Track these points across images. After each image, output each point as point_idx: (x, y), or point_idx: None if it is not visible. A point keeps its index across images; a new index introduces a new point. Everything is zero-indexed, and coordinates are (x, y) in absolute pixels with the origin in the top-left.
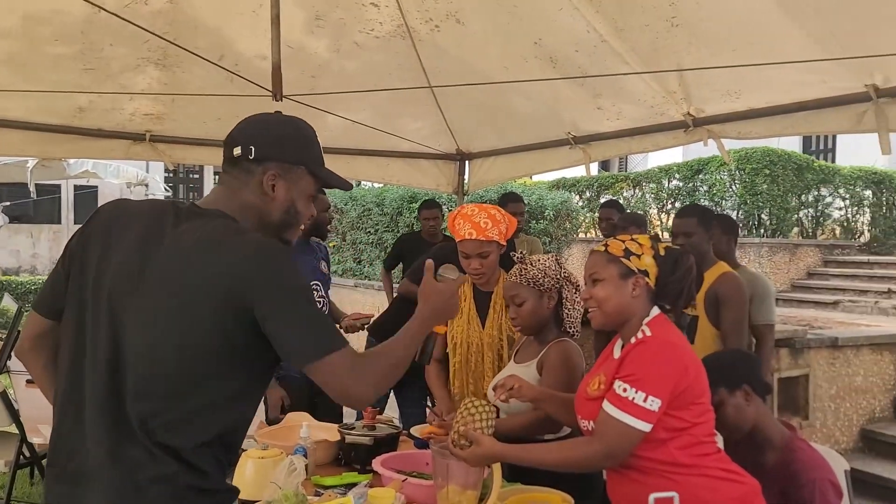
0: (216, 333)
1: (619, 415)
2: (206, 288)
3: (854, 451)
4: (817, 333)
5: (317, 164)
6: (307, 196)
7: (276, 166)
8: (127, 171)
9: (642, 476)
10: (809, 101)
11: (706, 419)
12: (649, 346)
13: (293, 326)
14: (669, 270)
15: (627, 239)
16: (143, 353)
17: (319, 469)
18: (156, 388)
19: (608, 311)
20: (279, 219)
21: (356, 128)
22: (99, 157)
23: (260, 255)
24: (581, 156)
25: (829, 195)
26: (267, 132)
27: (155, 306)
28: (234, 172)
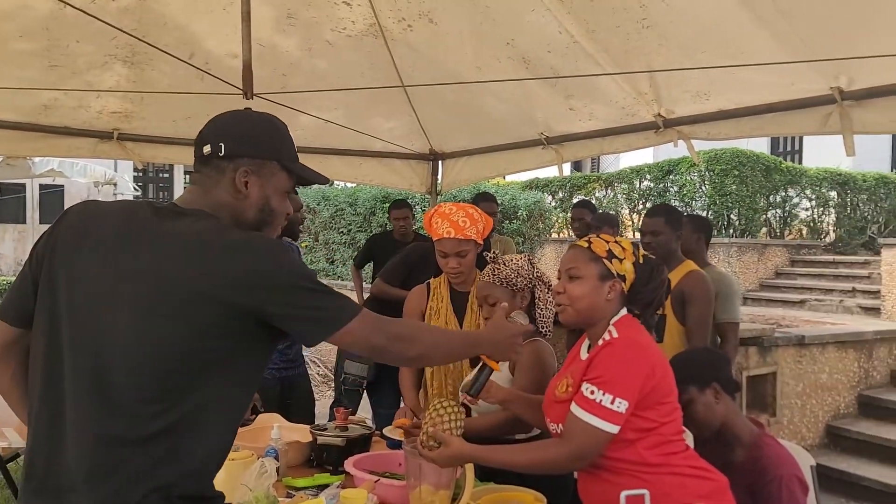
0: (213, 334)
1: (587, 417)
2: (205, 289)
3: (820, 448)
4: (785, 332)
5: (290, 159)
6: (282, 193)
7: (247, 163)
8: (94, 171)
9: (612, 476)
10: (777, 102)
11: (674, 418)
12: (616, 348)
13: (305, 312)
14: (645, 279)
15: (611, 241)
16: (134, 357)
17: (291, 470)
18: (147, 395)
19: (580, 308)
20: (254, 217)
21: (329, 127)
22: (65, 156)
23: (259, 252)
24: (554, 156)
25: (796, 196)
26: (237, 128)
27: (145, 309)
28: (205, 171)
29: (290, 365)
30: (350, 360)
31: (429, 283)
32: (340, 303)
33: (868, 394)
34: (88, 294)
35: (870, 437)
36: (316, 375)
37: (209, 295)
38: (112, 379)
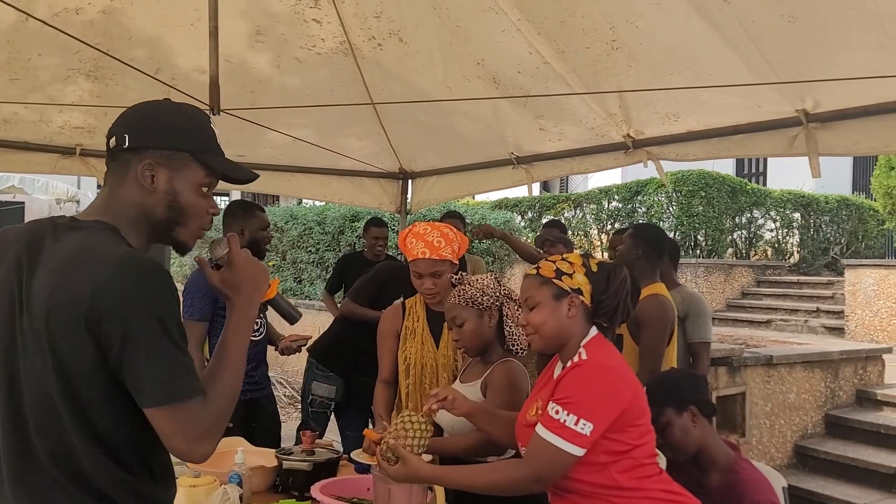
0: (90, 357)
1: (550, 437)
2: (70, 310)
3: (788, 468)
4: (753, 352)
5: (205, 150)
6: (195, 187)
7: (153, 154)
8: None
9: (585, 500)
10: (744, 124)
11: (647, 440)
12: (584, 370)
13: (146, 363)
14: (603, 287)
15: (558, 259)
16: (33, 385)
17: (255, 497)
18: (53, 421)
19: (546, 334)
20: (163, 215)
21: (297, 145)
22: (24, 171)
23: (124, 275)
24: (524, 176)
25: (761, 217)
26: (144, 118)
27: (35, 334)
28: (112, 167)
29: (256, 387)
30: (317, 382)
31: (404, 302)
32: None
33: (835, 413)
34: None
35: (837, 456)
36: (282, 397)
37: (75, 317)
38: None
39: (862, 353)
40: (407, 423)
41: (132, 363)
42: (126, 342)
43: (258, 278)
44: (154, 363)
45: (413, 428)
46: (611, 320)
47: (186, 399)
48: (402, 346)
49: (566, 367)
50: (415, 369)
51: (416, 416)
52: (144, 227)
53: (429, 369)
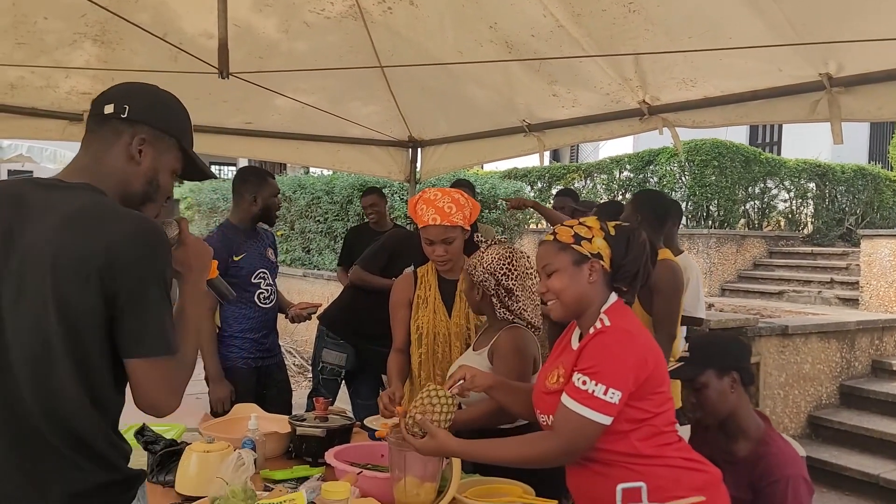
0: (97, 308)
1: (579, 408)
2: (82, 264)
3: (801, 438)
4: (768, 322)
5: (186, 140)
6: (170, 171)
7: (147, 130)
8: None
9: (605, 468)
10: (764, 89)
11: (667, 408)
12: (608, 337)
13: (146, 315)
14: (622, 251)
15: (575, 224)
16: (26, 338)
17: (269, 462)
18: (49, 375)
19: (567, 301)
20: (141, 189)
21: (305, 112)
22: (33, 138)
23: (140, 236)
24: (535, 144)
25: (775, 187)
26: (146, 95)
27: (33, 286)
28: (100, 132)
29: (267, 354)
30: (328, 350)
31: (416, 271)
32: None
33: (850, 384)
34: None
35: (851, 426)
36: (292, 366)
37: (85, 273)
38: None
39: (879, 323)
40: (434, 398)
41: (132, 315)
42: (133, 297)
43: (205, 256)
44: (151, 318)
45: (440, 402)
46: (631, 284)
47: (174, 353)
48: (414, 315)
49: (588, 334)
50: (427, 338)
51: (441, 390)
52: (118, 197)
53: (441, 338)
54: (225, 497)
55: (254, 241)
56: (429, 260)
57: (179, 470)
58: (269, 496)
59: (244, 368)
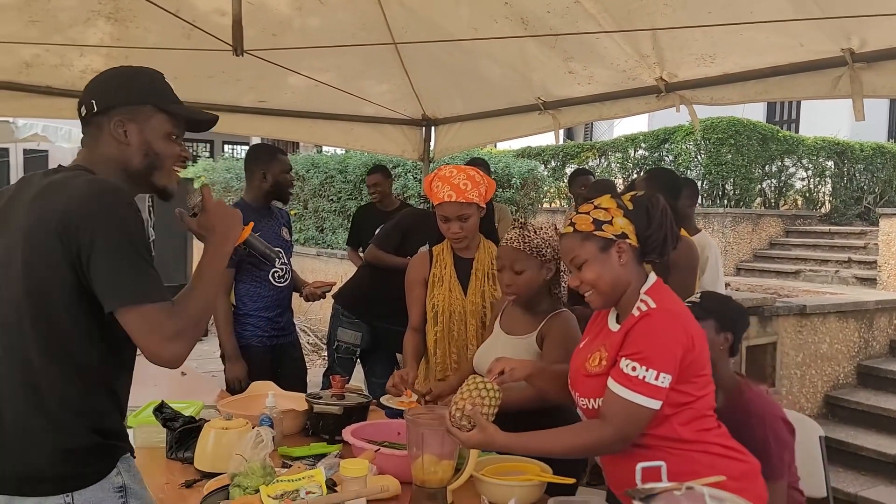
0: (59, 278)
1: (630, 395)
2: (41, 228)
3: (818, 418)
4: (785, 301)
5: (165, 101)
6: (165, 135)
7: (120, 111)
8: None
9: (643, 451)
10: (784, 65)
11: (708, 392)
12: (655, 320)
13: (110, 268)
14: (645, 222)
15: (591, 208)
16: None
17: (286, 439)
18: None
19: (604, 289)
20: (141, 164)
21: (319, 90)
22: (47, 117)
23: (92, 194)
24: (550, 122)
25: (793, 165)
26: (105, 82)
27: (10, 250)
28: (89, 132)
29: (281, 333)
30: (343, 328)
31: (431, 250)
32: (154, 279)
33: (867, 364)
34: None
35: (868, 406)
36: (306, 344)
37: (46, 234)
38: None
39: None
40: (483, 391)
41: (99, 268)
42: (93, 251)
43: (229, 220)
44: (121, 268)
45: (488, 395)
46: (661, 253)
47: (155, 301)
48: (429, 294)
49: (632, 316)
50: (443, 316)
51: (489, 382)
52: (124, 179)
53: (457, 316)
54: (244, 473)
55: (268, 219)
56: (444, 238)
57: (198, 447)
58: (287, 473)
59: (259, 347)
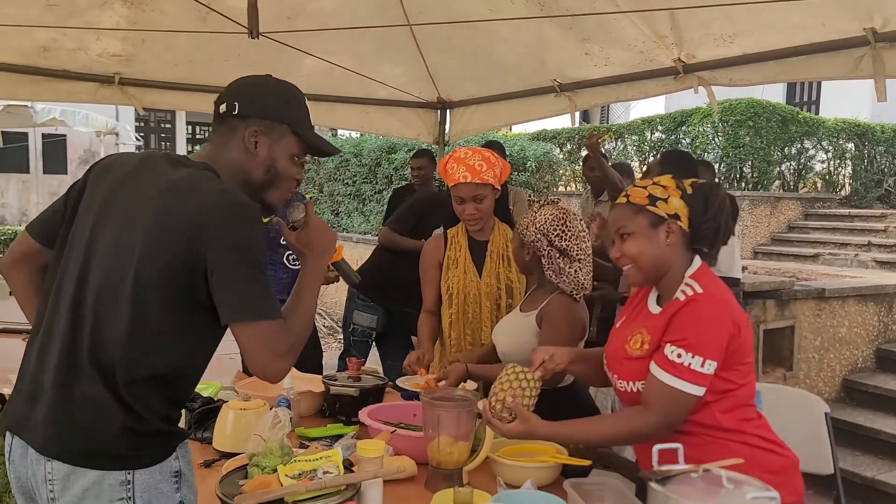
0: (171, 273)
1: (675, 382)
2: (168, 229)
3: (836, 402)
4: (804, 285)
5: (301, 125)
6: (290, 156)
7: (258, 123)
8: (96, 120)
9: (680, 437)
10: (805, 45)
11: (750, 380)
12: (701, 305)
13: (232, 283)
14: (701, 209)
15: (649, 184)
16: (102, 282)
17: (303, 421)
18: (107, 319)
19: (644, 266)
20: (260, 178)
21: (334, 74)
22: (65, 100)
23: (225, 207)
24: (566, 104)
25: (813, 147)
26: (253, 90)
27: (119, 241)
28: (220, 129)
29: None
30: (359, 311)
31: (446, 232)
32: (268, 297)
33: (886, 347)
34: (92, 226)
35: (886, 390)
36: (322, 327)
37: (172, 237)
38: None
39: None
40: (523, 381)
41: (222, 282)
42: (219, 264)
43: (328, 241)
44: (242, 285)
45: (529, 386)
46: (711, 244)
47: (272, 318)
48: (444, 276)
49: (676, 300)
50: (458, 298)
51: (528, 372)
52: (241, 185)
53: (472, 298)
54: (262, 454)
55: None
56: (458, 221)
57: (217, 427)
58: (304, 453)
59: None
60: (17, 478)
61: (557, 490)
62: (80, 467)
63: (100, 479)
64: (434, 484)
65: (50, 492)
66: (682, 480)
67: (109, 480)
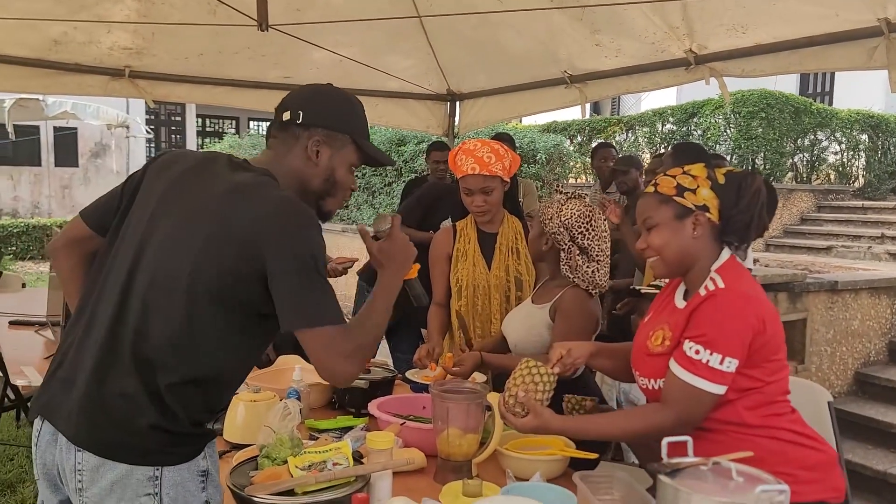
0: (229, 276)
1: (692, 379)
2: (230, 232)
3: (848, 395)
4: (816, 277)
5: (361, 135)
6: (348, 166)
7: (321, 132)
8: (107, 113)
9: (705, 434)
10: (819, 35)
11: (781, 377)
12: (722, 301)
13: (293, 289)
14: (732, 200)
15: (679, 173)
16: (154, 276)
17: (313, 413)
18: (156, 313)
19: (669, 258)
20: (319, 186)
21: (343, 65)
22: (76, 94)
23: (281, 213)
24: (577, 95)
25: (826, 139)
26: (317, 99)
27: (177, 235)
28: (282, 137)
29: None
30: None
31: (455, 225)
32: (330, 301)
33: None
34: (150, 217)
35: None
36: None
37: (231, 240)
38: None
39: None
40: (536, 376)
41: (283, 289)
42: (280, 272)
43: (407, 257)
44: (304, 291)
45: (542, 380)
46: (743, 237)
47: (333, 322)
48: (453, 268)
49: (697, 294)
50: (467, 291)
51: (543, 367)
52: (298, 193)
53: (481, 290)
54: (273, 445)
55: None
56: (467, 213)
57: (227, 418)
58: (314, 445)
59: None
60: (42, 464)
61: (566, 483)
62: (110, 460)
63: (128, 474)
64: (443, 476)
65: (78, 482)
66: (692, 473)
67: (137, 475)
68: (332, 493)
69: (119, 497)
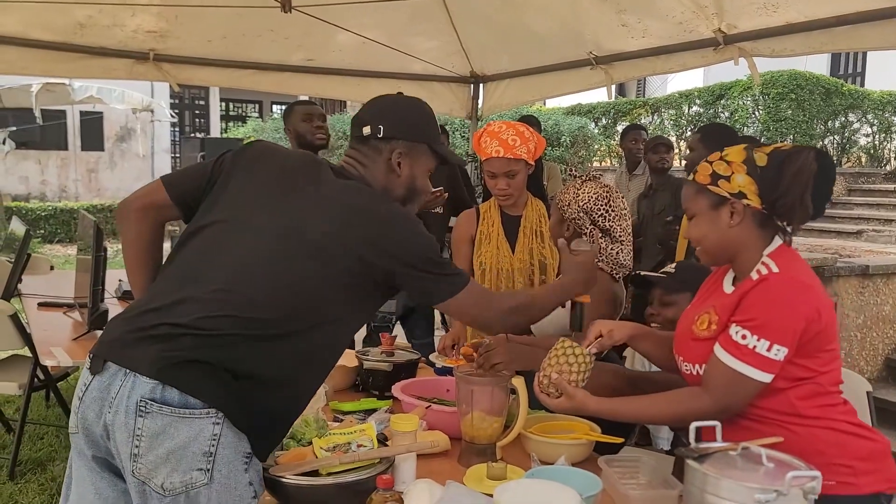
0: (340, 274)
1: (736, 364)
2: (352, 230)
3: (878, 381)
4: (847, 262)
5: (436, 141)
6: (426, 171)
7: (402, 145)
8: (132, 97)
9: (756, 424)
10: (851, 14)
11: (834, 367)
12: (774, 286)
13: (426, 281)
14: (773, 183)
15: (716, 159)
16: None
17: (336, 395)
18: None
19: (709, 248)
20: (402, 195)
21: (367, 48)
22: (102, 77)
23: (399, 223)
24: (602, 77)
25: (857, 121)
26: (394, 112)
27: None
28: (363, 150)
29: None
30: None
31: (478, 207)
32: (454, 276)
33: None
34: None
35: None
36: None
37: (346, 249)
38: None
39: None
40: (570, 357)
41: (413, 284)
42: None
43: (589, 280)
44: (434, 277)
45: (577, 361)
46: (791, 219)
47: (465, 284)
48: (476, 251)
49: (748, 279)
50: (490, 274)
51: (578, 347)
52: None
53: (504, 273)
54: (298, 426)
55: None
56: (490, 196)
57: None
58: (339, 426)
59: None
60: (83, 418)
61: (590, 467)
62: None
63: (186, 445)
64: (467, 458)
65: (136, 447)
66: (721, 458)
67: (194, 449)
68: (356, 474)
69: (173, 468)
